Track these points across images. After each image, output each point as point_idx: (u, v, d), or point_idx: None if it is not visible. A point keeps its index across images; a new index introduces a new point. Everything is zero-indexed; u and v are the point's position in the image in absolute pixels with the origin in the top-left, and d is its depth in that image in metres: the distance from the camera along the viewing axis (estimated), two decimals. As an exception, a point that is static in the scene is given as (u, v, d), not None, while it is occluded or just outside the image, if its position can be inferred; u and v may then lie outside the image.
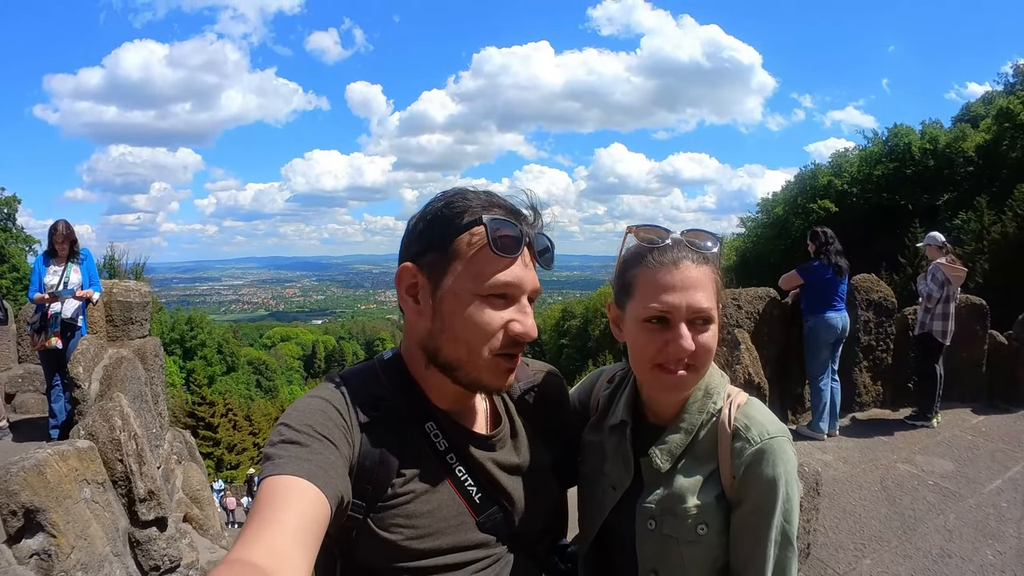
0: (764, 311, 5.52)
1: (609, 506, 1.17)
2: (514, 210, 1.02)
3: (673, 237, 1.10)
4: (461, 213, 0.99)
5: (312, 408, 0.96)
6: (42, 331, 5.59)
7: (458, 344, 0.99)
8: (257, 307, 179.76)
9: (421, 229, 1.02)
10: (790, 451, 1.08)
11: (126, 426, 4.33)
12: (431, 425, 1.05)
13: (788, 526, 1.06)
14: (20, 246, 23.99)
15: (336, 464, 0.90)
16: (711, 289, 1.08)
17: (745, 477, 1.05)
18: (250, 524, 0.78)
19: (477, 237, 0.97)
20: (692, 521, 1.07)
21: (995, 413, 5.95)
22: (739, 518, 1.07)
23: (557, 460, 1.21)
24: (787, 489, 1.05)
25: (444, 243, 0.98)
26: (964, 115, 31.16)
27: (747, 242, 34.67)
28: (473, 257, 0.97)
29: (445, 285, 0.99)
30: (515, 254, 0.98)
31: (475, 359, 0.99)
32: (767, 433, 1.07)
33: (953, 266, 5.51)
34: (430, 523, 1.00)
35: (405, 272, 1.02)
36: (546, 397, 1.23)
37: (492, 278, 0.97)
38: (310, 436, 0.91)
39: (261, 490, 0.84)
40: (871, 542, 3.80)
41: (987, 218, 18.07)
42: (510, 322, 0.99)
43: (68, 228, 5.74)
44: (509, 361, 1.02)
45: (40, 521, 3.43)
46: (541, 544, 1.17)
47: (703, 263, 1.08)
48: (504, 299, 0.99)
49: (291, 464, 0.85)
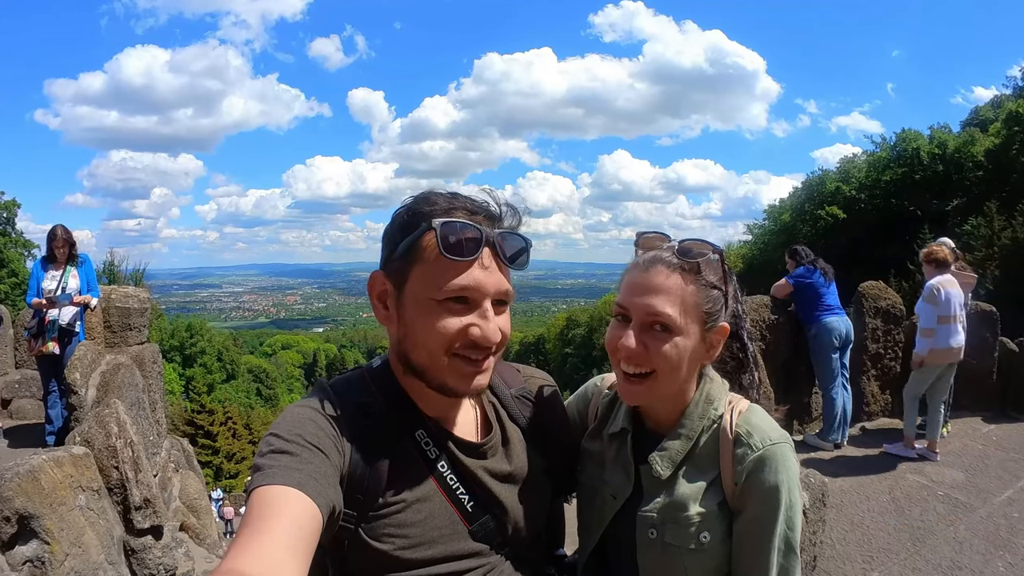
0: (770, 319, 5.49)
1: (610, 515, 1.16)
2: (476, 211, 0.99)
3: (668, 244, 1.11)
4: (422, 218, 0.97)
5: (301, 417, 0.96)
6: (39, 336, 5.57)
7: (419, 349, 0.99)
8: (258, 314, 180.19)
9: (389, 235, 1.02)
10: (792, 458, 1.07)
11: (122, 433, 4.33)
12: (421, 433, 1.04)
13: (791, 534, 1.05)
14: (19, 251, 23.85)
15: (327, 473, 0.89)
16: (677, 298, 1.06)
17: (747, 484, 1.05)
18: (241, 534, 0.77)
19: (431, 241, 0.95)
20: (694, 529, 1.06)
21: (1006, 422, 5.93)
22: (741, 526, 1.06)
23: (551, 467, 1.19)
24: (789, 496, 1.04)
25: (406, 249, 0.98)
26: (973, 119, 30.80)
27: (754, 249, 34.56)
28: (431, 262, 0.96)
29: (407, 291, 0.99)
30: (470, 257, 0.95)
31: (436, 363, 0.98)
32: (769, 439, 1.06)
33: (961, 273, 5.41)
34: (422, 532, 0.99)
35: (375, 279, 1.03)
36: (538, 404, 1.22)
37: (449, 283, 0.95)
38: (299, 445, 0.90)
39: (251, 501, 0.82)
40: (879, 554, 3.76)
41: (997, 223, 17.94)
42: (469, 327, 0.97)
43: (67, 232, 5.74)
44: (470, 364, 0.99)
45: (34, 528, 3.41)
46: (536, 553, 1.16)
47: (677, 271, 1.07)
48: (464, 303, 0.97)
49: (281, 474, 0.84)
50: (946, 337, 4.88)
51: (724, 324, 1.12)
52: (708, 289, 1.09)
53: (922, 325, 4.94)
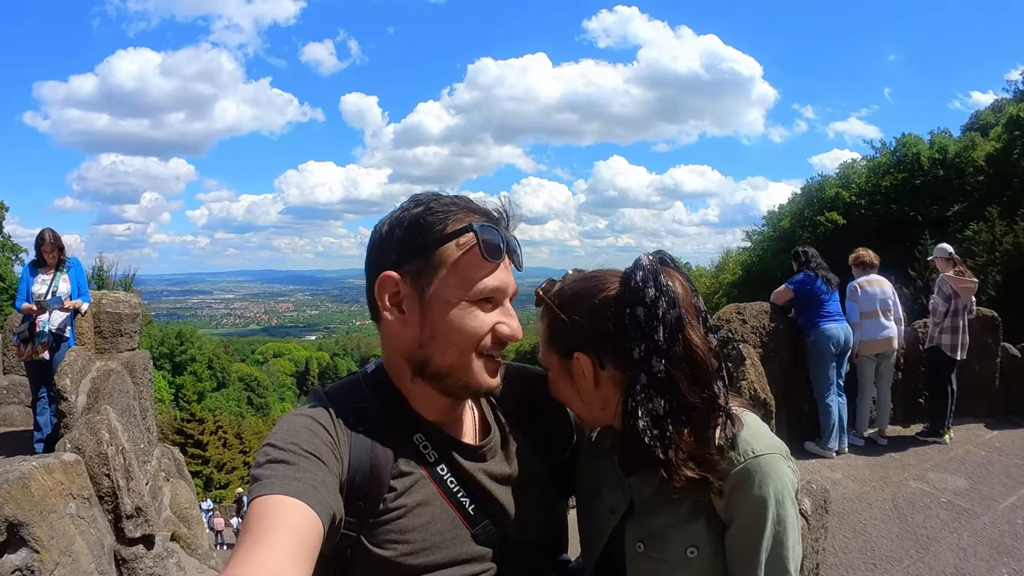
0: (770, 326, 5.49)
1: (609, 529, 1.13)
2: (493, 216, 1.03)
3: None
4: (445, 219, 0.99)
5: (297, 425, 0.95)
6: (29, 342, 5.52)
7: (449, 350, 0.99)
8: (249, 321, 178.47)
9: (399, 236, 1.01)
10: (783, 469, 1.01)
11: (113, 440, 4.28)
12: (419, 437, 1.04)
13: (782, 550, 1.00)
14: (7, 255, 23.62)
15: (326, 481, 0.89)
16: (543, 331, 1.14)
17: (732, 498, 1.01)
18: (241, 545, 0.77)
19: (465, 243, 0.98)
20: (680, 544, 1.04)
21: (1009, 428, 5.92)
22: (729, 541, 1.03)
23: (552, 469, 1.18)
24: (777, 510, 0.99)
25: (428, 250, 0.98)
26: (973, 124, 31.00)
27: (753, 256, 34.71)
28: (461, 263, 0.98)
29: (432, 292, 0.98)
30: (501, 259, 0.99)
31: (466, 363, 1.00)
32: (752, 451, 1.01)
33: (961, 278, 5.49)
34: (424, 537, 0.98)
35: (387, 281, 1.00)
36: (538, 404, 1.20)
37: (480, 283, 0.98)
38: (296, 454, 0.89)
39: (250, 511, 0.82)
40: (882, 562, 3.75)
41: (998, 228, 18.05)
42: (498, 324, 1.00)
43: (55, 236, 5.70)
44: (494, 362, 1.03)
45: (23, 536, 3.36)
46: (539, 557, 1.14)
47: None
48: (490, 303, 1.00)
49: (280, 483, 0.84)
50: (871, 330, 5.43)
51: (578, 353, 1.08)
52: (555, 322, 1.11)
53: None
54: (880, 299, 5.45)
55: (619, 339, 1.02)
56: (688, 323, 1.02)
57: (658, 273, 1.02)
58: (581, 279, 1.12)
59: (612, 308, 1.03)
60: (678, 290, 1.03)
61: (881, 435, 5.66)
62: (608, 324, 1.03)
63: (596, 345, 1.06)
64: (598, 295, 1.06)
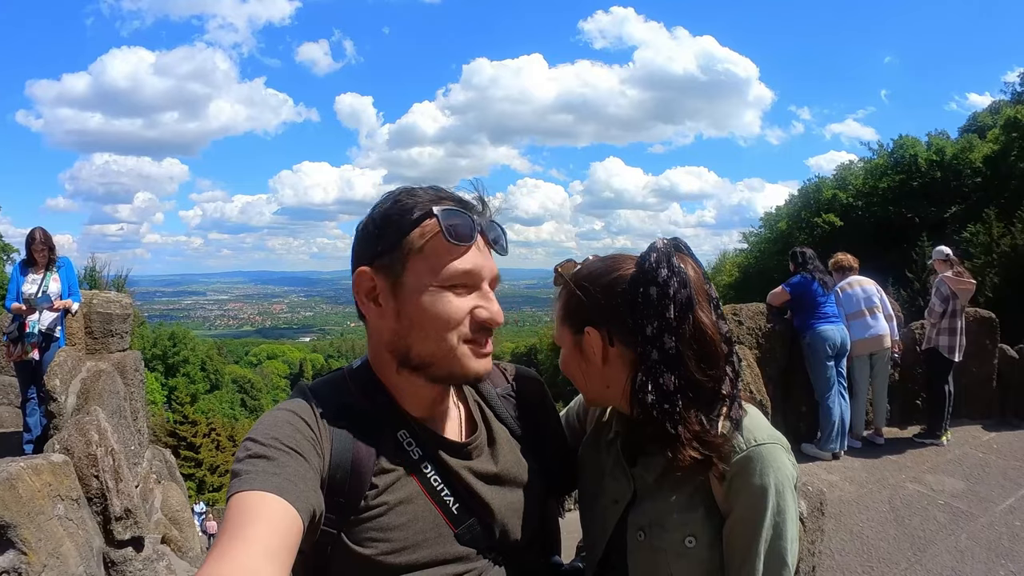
0: (766, 327, 5.47)
1: (613, 520, 1.14)
2: (463, 200, 1.03)
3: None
4: (411, 209, 0.99)
5: (279, 421, 0.95)
6: (18, 342, 5.47)
7: (427, 338, 0.98)
8: (243, 323, 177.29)
9: (372, 231, 1.02)
10: (783, 460, 1.02)
11: (103, 441, 4.23)
12: (404, 433, 1.03)
13: (780, 541, 1.00)
14: (-2, 255, 23.44)
15: (306, 477, 0.88)
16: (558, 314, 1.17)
17: (732, 486, 1.01)
18: (218, 542, 0.77)
19: (429, 229, 0.97)
20: (679, 533, 1.04)
21: (1007, 429, 5.94)
22: (727, 530, 1.03)
23: (541, 468, 1.17)
24: (777, 500, 0.99)
25: (397, 241, 0.98)
26: (971, 125, 31.09)
27: (749, 257, 34.76)
28: (428, 250, 0.97)
29: (405, 283, 0.98)
30: (469, 242, 0.98)
31: (446, 349, 0.99)
32: (754, 440, 1.02)
33: (960, 279, 5.50)
34: (406, 536, 0.97)
35: (362, 276, 1.01)
36: (526, 402, 1.21)
37: (449, 267, 0.97)
38: (277, 449, 0.89)
39: (229, 508, 0.81)
40: (879, 564, 3.73)
41: (996, 230, 18.12)
42: (475, 308, 0.99)
43: (46, 235, 5.66)
44: (480, 347, 1.02)
45: (10, 537, 3.30)
46: (528, 558, 1.13)
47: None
48: (465, 287, 0.99)
49: (259, 479, 0.83)
50: (859, 330, 5.43)
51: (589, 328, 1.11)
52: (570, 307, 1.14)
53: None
54: (863, 298, 5.49)
55: (632, 316, 1.05)
56: (698, 303, 1.05)
57: (671, 256, 1.05)
58: (599, 260, 1.14)
59: (626, 286, 1.06)
60: (690, 273, 1.06)
61: (878, 434, 5.67)
62: (621, 301, 1.06)
63: (608, 321, 1.08)
64: (613, 274, 1.09)
